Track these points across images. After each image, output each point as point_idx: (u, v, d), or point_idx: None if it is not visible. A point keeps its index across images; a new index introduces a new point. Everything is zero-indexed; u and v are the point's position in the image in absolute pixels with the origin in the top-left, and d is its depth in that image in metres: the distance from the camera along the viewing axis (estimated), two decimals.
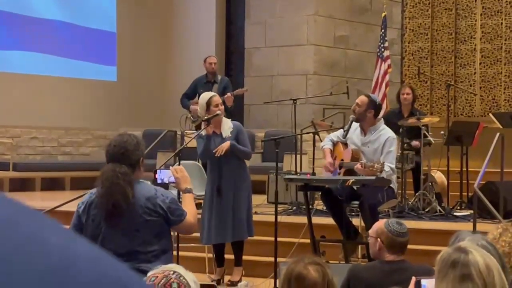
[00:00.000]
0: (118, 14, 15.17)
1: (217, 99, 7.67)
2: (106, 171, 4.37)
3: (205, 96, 7.80)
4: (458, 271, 2.35)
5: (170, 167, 4.87)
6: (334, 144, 7.85)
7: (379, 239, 4.75)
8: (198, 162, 10.09)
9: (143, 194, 4.41)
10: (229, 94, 10.51)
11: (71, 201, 8.06)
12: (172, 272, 2.40)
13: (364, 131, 7.68)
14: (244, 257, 7.88)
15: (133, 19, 15.29)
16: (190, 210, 4.51)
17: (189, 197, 4.61)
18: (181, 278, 2.38)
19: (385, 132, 7.63)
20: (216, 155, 7.51)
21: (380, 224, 4.95)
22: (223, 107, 7.70)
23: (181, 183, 4.65)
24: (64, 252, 0.74)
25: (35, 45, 14.07)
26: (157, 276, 2.41)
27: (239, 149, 7.59)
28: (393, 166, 7.50)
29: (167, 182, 4.77)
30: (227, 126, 7.68)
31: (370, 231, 4.97)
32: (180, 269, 2.44)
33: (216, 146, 7.60)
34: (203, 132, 7.66)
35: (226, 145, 7.51)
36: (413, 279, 3.31)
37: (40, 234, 0.73)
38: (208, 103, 7.58)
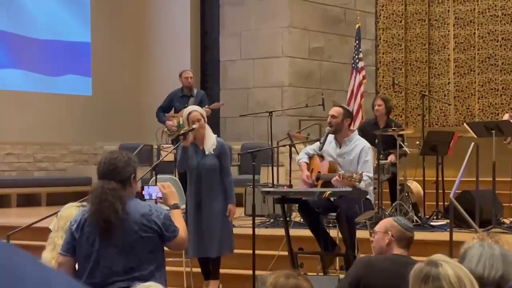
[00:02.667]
0: (92, 27, 15.12)
1: (196, 115, 7.68)
2: (96, 189, 4.39)
3: (185, 111, 7.91)
4: (429, 285, 2.37)
5: (158, 183, 4.90)
6: (310, 157, 7.87)
7: (389, 233, 4.81)
8: (175, 176, 10.08)
9: (138, 210, 4.41)
10: (206, 108, 10.52)
11: (46, 218, 8.03)
12: None
13: (339, 143, 7.71)
14: (222, 270, 7.86)
15: (108, 33, 15.25)
16: (180, 226, 4.52)
17: (177, 212, 4.64)
18: None
19: (360, 143, 7.67)
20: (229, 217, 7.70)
21: (388, 219, 5.08)
22: (203, 121, 7.70)
23: (168, 198, 4.68)
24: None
25: (8, 60, 14.00)
26: None
27: (233, 195, 7.71)
28: (371, 175, 7.54)
29: (155, 198, 4.79)
30: (211, 142, 7.70)
31: (376, 227, 5.01)
32: (159, 287, 2.44)
33: (198, 161, 7.67)
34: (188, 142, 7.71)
35: (234, 210, 7.67)
36: None
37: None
38: (188, 119, 7.69)
